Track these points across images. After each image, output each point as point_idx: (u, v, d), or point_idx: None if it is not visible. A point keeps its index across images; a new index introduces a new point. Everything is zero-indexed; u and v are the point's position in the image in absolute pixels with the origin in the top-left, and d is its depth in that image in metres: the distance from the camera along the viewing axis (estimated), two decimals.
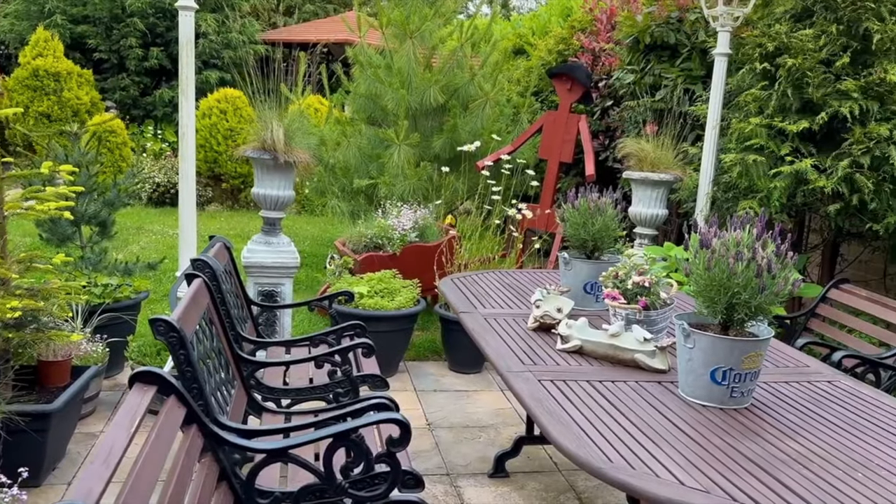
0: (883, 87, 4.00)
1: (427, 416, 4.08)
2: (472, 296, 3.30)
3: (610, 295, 2.72)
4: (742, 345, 2.08)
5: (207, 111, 10.37)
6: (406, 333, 4.62)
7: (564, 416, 2.00)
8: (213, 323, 2.69)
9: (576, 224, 3.15)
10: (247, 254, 4.28)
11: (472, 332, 2.77)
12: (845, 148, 4.08)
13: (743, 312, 2.08)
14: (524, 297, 3.33)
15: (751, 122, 4.38)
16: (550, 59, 7.66)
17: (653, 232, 5.06)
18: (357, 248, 5.25)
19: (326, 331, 3.21)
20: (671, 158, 5.00)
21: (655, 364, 2.43)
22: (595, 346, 2.54)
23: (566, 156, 5.82)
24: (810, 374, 2.48)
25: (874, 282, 5.20)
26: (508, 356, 2.49)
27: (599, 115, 6.93)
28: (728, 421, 2.04)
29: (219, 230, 8.74)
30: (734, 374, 2.10)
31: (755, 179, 4.38)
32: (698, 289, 2.14)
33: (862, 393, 2.32)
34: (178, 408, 1.95)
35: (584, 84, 5.72)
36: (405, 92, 5.82)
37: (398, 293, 4.58)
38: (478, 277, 3.70)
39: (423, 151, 6.13)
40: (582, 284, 3.16)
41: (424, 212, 5.55)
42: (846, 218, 4.25)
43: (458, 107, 6.10)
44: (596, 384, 2.27)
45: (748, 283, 2.04)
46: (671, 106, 5.58)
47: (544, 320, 2.82)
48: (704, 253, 2.12)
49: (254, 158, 4.22)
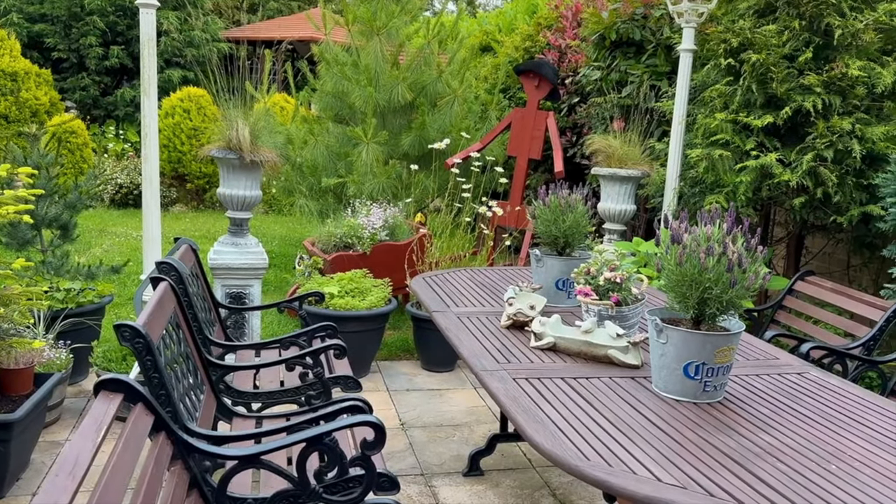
0: (844, 81, 4.07)
1: (400, 415, 4.05)
2: (444, 294, 3.28)
3: (582, 291, 2.72)
4: (714, 339, 2.09)
5: (170, 110, 10.20)
6: (378, 333, 4.58)
7: (540, 414, 1.99)
8: (180, 327, 2.64)
9: (547, 221, 3.15)
10: (213, 255, 4.20)
11: (446, 332, 2.75)
12: (809, 142, 4.15)
13: (715, 307, 2.09)
14: (497, 295, 3.32)
15: (716, 117, 4.43)
16: (517, 56, 7.67)
17: (621, 227, 5.09)
18: (326, 248, 5.20)
19: (297, 332, 3.16)
20: (639, 154, 5.04)
21: (629, 360, 2.44)
22: (569, 342, 2.54)
23: (535, 152, 5.83)
24: (780, 366, 2.51)
25: (837, 273, 5.30)
26: (482, 355, 2.47)
27: (566, 111, 6.96)
28: (702, 415, 2.05)
29: (184, 231, 8.59)
30: (707, 368, 2.11)
31: (721, 174, 4.43)
32: (670, 284, 2.15)
33: (830, 384, 2.35)
34: (146, 415, 1.89)
35: (551, 81, 5.74)
36: (373, 89, 5.77)
37: (369, 293, 4.54)
38: (449, 276, 3.68)
39: (391, 149, 6.09)
40: (554, 281, 3.16)
41: (394, 210, 5.52)
42: (811, 211, 4.32)
43: (426, 104, 6.08)
44: (570, 381, 2.27)
45: (719, 277, 2.06)
46: (638, 102, 5.63)
47: (517, 318, 2.81)
48: (676, 248, 2.13)
49: (219, 158, 4.15)
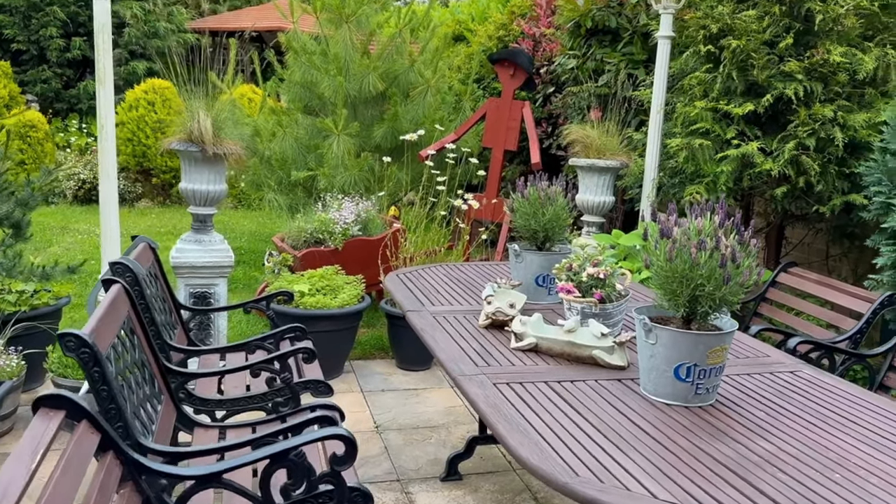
0: (826, 67, 3.98)
1: (375, 418, 3.90)
2: (419, 292, 3.13)
3: (564, 288, 2.59)
4: (707, 339, 1.97)
5: (134, 103, 9.89)
6: (351, 332, 4.42)
7: (523, 423, 1.85)
8: (135, 332, 2.45)
9: (525, 214, 3.01)
10: (176, 254, 4.00)
11: (421, 333, 2.60)
12: (791, 130, 4.06)
13: (707, 305, 1.97)
14: (474, 292, 3.17)
15: (696, 105, 4.32)
16: (491, 45, 7.52)
17: (600, 219, 4.98)
18: (297, 244, 5.01)
19: (263, 335, 2.99)
20: (617, 144, 4.92)
21: (614, 361, 2.31)
22: (551, 343, 2.40)
23: (511, 143, 5.69)
24: (771, 364, 2.40)
25: (817, 263, 5.24)
26: (460, 358, 2.33)
27: (542, 102, 6.83)
28: (694, 420, 1.93)
29: (149, 228, 8.33)
30: (699, 370, 1.99)
31: (701, 164, 4.32)
32: (659, 281, 2.02)
33: (824, 382, 2.24)
34: (91, 434, 1.72)
35: (526, 70, 5.60)
36: (342, 79, 5.58)
37: (341, 290, 4.37)
38: (425, 272, 3.53)
39: (363, 141, 5.91)
40: (534, 277, 3.02)
41: (367, 204, 5.35)
42: (792, 201, 4.24)
43: (398, 94, 5.90)
44: (554, 385, 2.13)
45: (712, 273, 1.93)
46: (615, 91, 5.51)
47: (496, 317, 2.67)
48: (665, 243, 2.00)
49: (180, 151, 3.95)
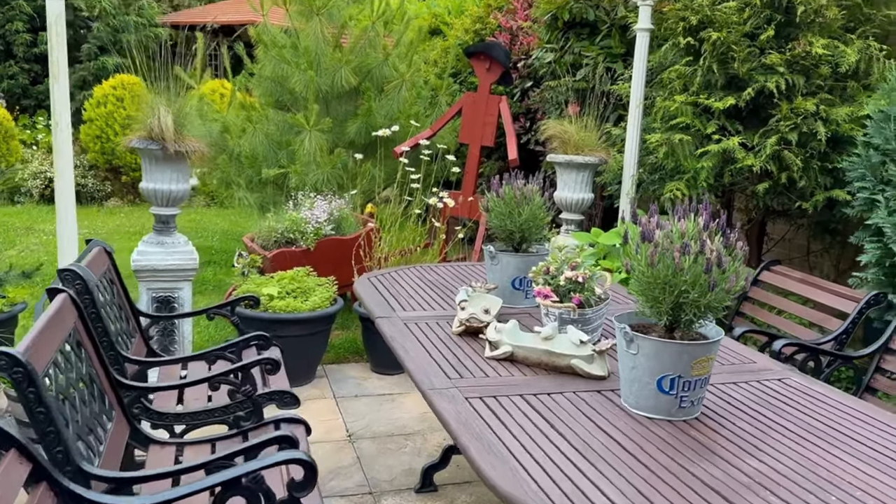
0: (808, 60, 3.88)
1: (348, 425, 3.75)
2: (390, 296, 2.99)
3: (541, 293, 2.46)
4: (692, 349, 1.84)
5: (103, 99, 9.62)
6: (323, 335, 4.26)
7: (496, 442, 1.72)
8: (83, 345, 2.29)
9: (501, 214, 2.87)
10: (137, 256, 3.82)
11: (391, 341, 2.46)
12: (772, 124, 3.96)
13: (691, 313, 1.85)
14: (449, 296, 3.04)
15: (676, 99, 4.21)
16: (467, 38, 7.37)
17: (579, 217, 4.86)
18: (267, 244, 4.84)
19: (224, 345, 2.83)
20: (595, 140, 4.80)
21: (594, 370, 2.18)
22: (527, 352, 2.27)
23: (488, 139, 5.55)
24: (758, 371, 2.29)
25: (798, 259, 5.17)
26: (431, 369, 2.19)
27: (519, 96, 6.69)
28: (679, 437, 1.81)
29: (118, 227, 8.10)
30: (683, 381, 1.86)
31: (682, 160, 4.21)
32: (640, 287, 1.89)
33: (815, 391, 2.13)
34: (21, 463, 1.56)
35: (502, 63, 5.46)
36: (314, 73, 5.41)
37: (312, 292, 4.21)
38: (397, 274, 3.38)
39: (336, 137, 5.74)
40: (510, 280, 2.89)
41: (340, 202, 5.19)
42: (774, 197, 4.14)
43: (372, 89, 5.74)
44: (530, 398, 2.00)
45: (696, 279, 1.80)
46: (593, 85, 5.39)
47: (470, 324, 2.53)
48: (646, 247, 1.87)
49: (140, 149, 3.76)
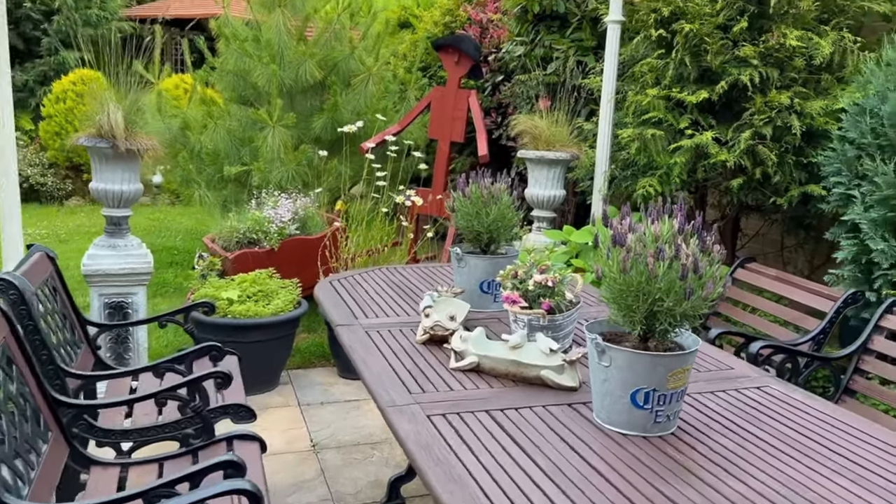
0: (782, 52, 3.79)
1: (312, 435, 3.60)
2: (353, 302, 2.84)
3: (509, 298, 2.33)
4: (667, 360, 1.73)
5: (62, 95, 9.33)
6: (287, 340, 4.10)
7: (458, 467, 1.58)
8: (14, 362, 2.11)
9: (467, 215, 2.73)
10: (87, 260, 3.63)
11: (351, 352, 2.31)
12: (746, 118, 3.87)
13: (666, 322, 1.73)
14: (415, 300, 2.90)
15: (648, 93, 4.11)
16: (437, 31, 7.21)
17: (551, 214, 4.74)
18: (229, 245, 4.66)
19: (173, 356, 2.66)
20: (567, 135, 4.68)
21: (564, 381, 2.06)
22: (494, 362, 2.14)
23: (457, 135, 5.41)
24: (736, 378, 2.18)
25: (772, 254, 5.11)
26: (391, 383, 2.05)
27: (490, 90, 6.56)
28: (655, 455, 1.69)
29: (78, 227, 7.84)
30: (658, 395, 1.74)
31: (654, 155, 4.11)
32: (612, 295, 1.77)
33: (795, 400, 2.03)
34: None
35: (472, 56, 5.32)
36: (276, 67, 5.22)
37: (275, 296, 4.05)
38: (362, 277, 3.23)
39: (301, 133, 5.56)
40: (478, 283, 2.76)
41: (305, 200, 5.02)
42: (749, 192, 4.06)
43: (338, 83, 5.56)
44: (496, 414, 1.87)
45: (671, 286, 1.68)
46: (564, 79, 5.27)
47: (435, 332, 2.39)
48: (618, 252, 1.75)
49: (89, 147, 3.57)
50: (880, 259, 3.25)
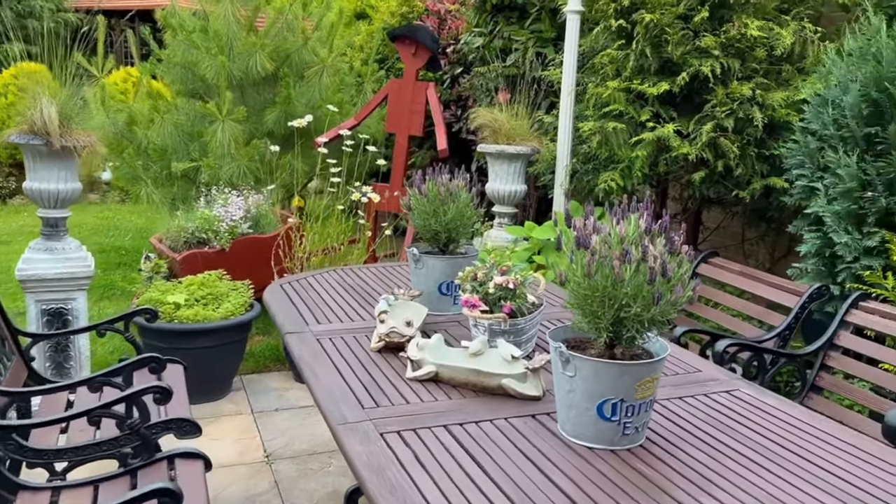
0: (743, 42, 3.73)
1: (266, 444, 3.44)
2: (304, 307, 2.69)
3: (468, 302, 2.21)
4: (635, 369, 1.62)
5: (3, 89, 8.92)
6: (239, 345, 3.92)
7: (412, 493, 1.46)
8: None
9: (424, 213, 2.60)
10: (22, 265, 3.41)
11: (299, 362, 2.17)
12: (708, 110, 3.80)
13: (633, 329, 1.62)
14: (371, 303, 2.76)
15: (608, 85, 4.02)
16: (394, 22, 7.05)
17: (512, 210, 4.63)
18: (177, 246, 4.46)
19: (111, 369, 2.48)
20: (527, 129, 4.58)
21: (527, 390, 1.95)
22: (453, 371, 2.02)
23: (416, 128, 5.26)
24: (705, 382, 2.09)
25: (732, 247, 5.09)
26: (343, 397, 1.91)
27: (449, 83, 6.43)
28: (623, 470, 1.58)
29: (21, 227, 7.50)
30: (626, 406, 1.64)
31: (615, 149, 4.03)
32: (577, 301, 1.66)
33: (766, 405, 1.95)
34: None
35: (429, 48, 5.17)
36: (225, 58, 5.01)
37: (226, 298, 3.87)
38: (315, 279, 3.08)
39: (253, 127, 5.36)
40: (436, 285, 2.63)
41: (258, 197, 4.83)
42: (711, 185, 4.00)
43: (291, 75, 5.37)
44: (455, 429, 1.75)
45: (639, 291, 1.58)
46: (524, 71, 5.17)
47: (391, 338, 2.26)
48: (582, 255, 1.64)
49: (21, 145, 3.35)
50: (844, 252, 3.22)
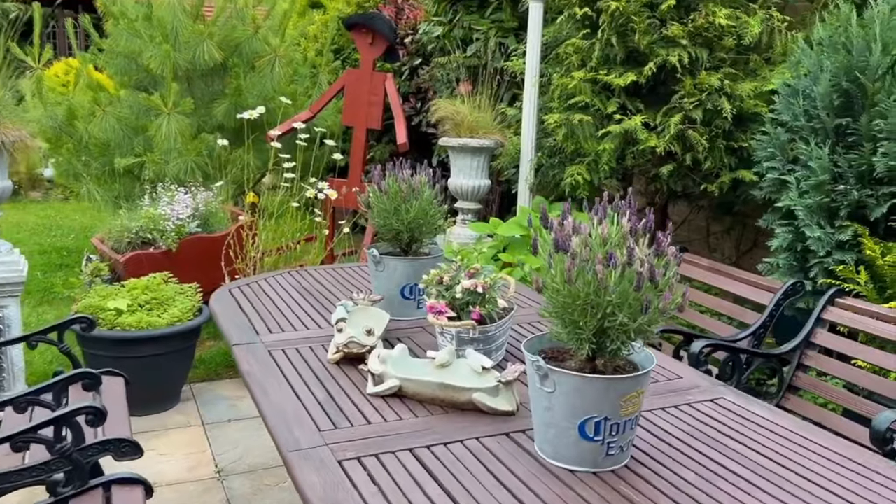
0: (711, 31, 3.63)
1: (217, 459, 3.22)
2: (255, 314, 2.48)
3: (434, 309, 2.04)
4: (621, 384, 1.47)
5: None
6: (187, 352, 3.69)
7: None
8: None
9: (385, 212, 2.42)
10: None
11: (247, 378, 1.97)
12: (676, 102, 3.70)
13: (619, 340, 1.47)
14: (329, 309, 2.57)
15: (574, 76, 3.88)
16: (349, 11, 6.81)
17: (476, 206, 4.48)
18: (120, 246, 4.18)
19: (40, 386, 2.24)
20: (490, 121, 4.42)
21: (500, 405, 1.78)
22: (419, 385, 1.85)
23: (374, 121, 5.06)
24: (687, 390, 1.96)
25: (697, 241, 5.02)
26: (296, 418, 1.72)
27: (408, 74, 6.24)
28: (608, 496, 1.43)
29: None
30: (611, 424, 1.49)
31: (582, 142, 3.90)
32: (556, 310, 1.50)
33: (754, 415, 1.82)
34: None
35: (386, 36, 4.97)
36: (170, 48, 4.74)
37: (172, 303, 3.63)
38: (267, 283, 2.87)
39: (202, 121, 5.09)
40: (399, 288, 2.45)
41: (207, 194, 4.58)
42: (679, 179, 3.90)
43: (241, 66, 5.12)
44: (421, 453, 1.58)
45: (625, 298, 1.43)
46: (486, 62, 5.01)
47: (350, 349, 2.08)
48: (562, 259, 1.48)
49: None
50: (816, 247, 3.14)
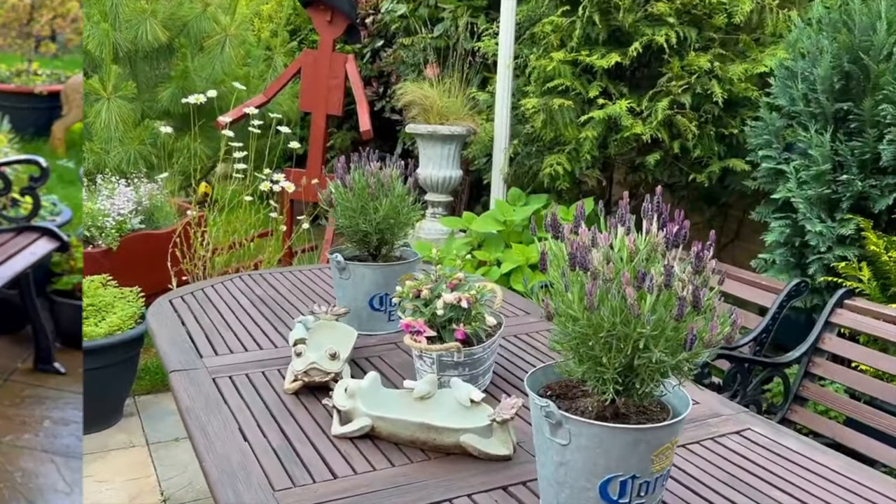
0: (700, 9, 3.36)
1: (163, 485, 2.86)
2: (198, 330, 2.13)
3: (411, 328, 1.72)
4: (653, 435, 1.18)
5: None
6: (129, 364, 3.31)
7: None
8: None
9: (351, 211, 2.09)
10: None
11: (187, 418, 1.62)
12: (662, 85, 3.43)
13: (651, 379, 1.17)
14: (285, 321, 2.23)
15: (553, 57, 3.58)
16: None
17: (447, 198, 4.16)
18: None
19: None
20: (461, 106, 4.10)
21: (493, 448, 1.48)
22: (395, 426, 1.53)
23: (334, 106, 4.69)
24: (708, 420, 1.68)
25: None
26: (243, 470, 1.39)
27: (370, 57, 5.87)
28: None
29: None
30: (639, 483, 1.20)
31: (562, 128, 3.61)
32: (570, 342, 1.20)
33: (790, 452, 1.55)
34: None
35: (347, 14, 4.60)
36: (109, 27, 4.30)
37: (111, 310, 3.24)
38: (215, 290, 2.52)
39: (146, 106, 4.67)
40: (367, 298, 2.13)
41: (151, 187, 4.17)
42: (665, 168, 3.64)
43: (189, 47, 4.71)
44: None
45: (662, 330, 1.13)
46: (454, 42, 4.68)
47: (311, 377, 1.75)
48: (580, 278, 1.17)
49: None
50: (817, 242, 2.90)
